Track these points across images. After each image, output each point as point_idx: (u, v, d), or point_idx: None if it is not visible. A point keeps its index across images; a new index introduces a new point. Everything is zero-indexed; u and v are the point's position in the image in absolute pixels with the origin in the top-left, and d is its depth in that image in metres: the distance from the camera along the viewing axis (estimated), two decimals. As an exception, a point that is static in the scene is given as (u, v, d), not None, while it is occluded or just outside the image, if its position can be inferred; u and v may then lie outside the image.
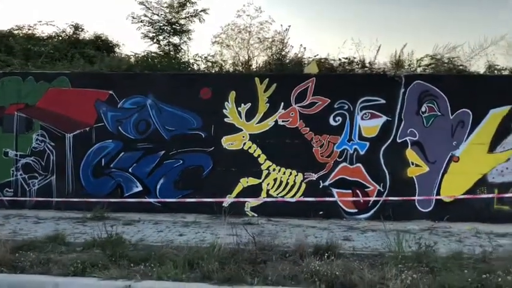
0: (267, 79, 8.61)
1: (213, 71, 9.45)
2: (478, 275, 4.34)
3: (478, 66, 9.34)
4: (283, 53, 9.53)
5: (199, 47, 12.31)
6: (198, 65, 10.39)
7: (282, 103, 8.57)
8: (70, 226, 7.31)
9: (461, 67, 9.46)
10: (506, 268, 4.45)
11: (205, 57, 10.23)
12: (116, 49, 12.24)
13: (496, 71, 9.24)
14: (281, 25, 9.58)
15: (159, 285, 4.27)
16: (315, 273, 4.29)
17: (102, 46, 12.15)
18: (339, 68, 8.96)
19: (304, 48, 9.58)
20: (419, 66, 9.60)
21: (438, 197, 8.20)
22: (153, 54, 10.14)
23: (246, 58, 9.78)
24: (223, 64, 10.02)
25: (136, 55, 10.46)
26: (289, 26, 9.57)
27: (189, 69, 10.07)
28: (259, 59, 9.67)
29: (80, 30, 12.39)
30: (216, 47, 9.80)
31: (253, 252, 4.83)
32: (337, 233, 6.99)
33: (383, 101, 8.46)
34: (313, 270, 4.32)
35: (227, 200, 8.43)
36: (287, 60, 9.39)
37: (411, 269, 4.44)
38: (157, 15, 9.83)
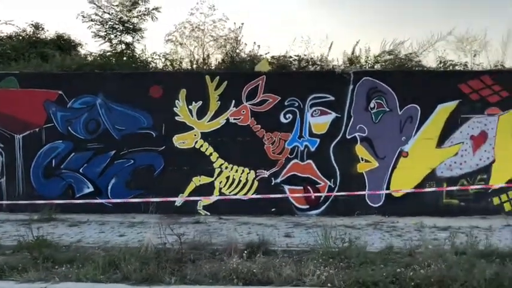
0: (218, 77, 8.58)
1: (165, 70, 9.36)
2: (397, 268, 4.39)
3: (428, 62, 9.46)
4: (237, 50, 9.49)
5: (154, 46, 12.11)
6: (156, 63, 10.33)
7: (233, 101, 8.56)
8: (13, 228, 7.18)
9: (414, 62, 9.59)
10: (427, 261, 4.51)
11: (164, 56, 10.16)
12: (79, 48, 12.08)
13: (451, 66, 9.37)
14: (234, 23, 9.55)
15: (75, 286, 4.22)
16: (233, 271, 4.29)
17: (64, 45, 11.97)
18: (291, 66, 8.97)
19: (259, 46, 9.58)
20: (378, 62, 9.70)
21: (385, 191, 8.27)
22: (108, 53, 10.01)
23: (202, 56, 9.72)
24: (180, 62, 9.95)
25: (92, 54, 10.33)
26: (242, 24, 9.57)
27: (152, 68, 9.98)
28: (214, 57, 9.63)
29: (40, 29, 12.20)
30: (171, 46, 9.71)
31: (179, 252, 4.81)
32: (282, 230, 7.01)
33: (332, 98, 8.51)
34: (232, 268, 4.31)
35: (178, 200, 8.40)
36: (241, 58, 9.36)
37: (331, 264, 4.47)
38: (109, 13, 9.71)
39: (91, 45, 11.88)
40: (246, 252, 4.98)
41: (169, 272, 4.40)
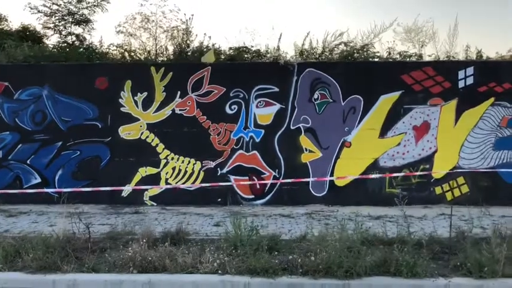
0: (163, 68, 8.62)
1: (111, 61, 9.34)
2: (290, 256, 4.48)
3: (383, 53, 9.49)
4: (187, 41, 9.51)
5: (109, 37, 12.00)
6: (113, 54, 10.32)
7: (179, 92, 8.60)
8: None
9: (371, 53, 9.61)
10: (320, 248, 4.56)
11: (120, 46, 10.15)
12: (45, 40, 11.99)
13: (406, 58, 9.41)
14: (184, 14, 9.55)
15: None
16: (130, 259, 4.38)
17: (29, 37, 11.89)
18: (237, 57, 9.00)
19: (209, 37, 9.60)
20: (332, 54, 9.73)
21: (321, 179, 8.38)
22: (62, 45, 10.00)
23: (154, 48, 9.73)
24: (134, 54, 9.95)
25: (47, 46, 10.30)
26: (193, 15, 9.58)
27: (112, 59, 9.95)
28: (166, 49, 9.62)
29: (4, 20, 12.11)
30: (122, 37, 9.70)
31: (87, 241, 4.89)
32: (215, 219, 7.11)
33: (277, 89, 8.57)
34: (128, 256, 4.40)
35: (125, 189, 8.47)
36: (193, 49, 9.38)
37: (231, 252, 4.56)
38: (57, 5, 9.67)
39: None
40: (162, 241, 5.06)
41: (70, 261, 4.48)
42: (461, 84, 8.49)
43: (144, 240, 4.58)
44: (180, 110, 8.61)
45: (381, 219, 7.22)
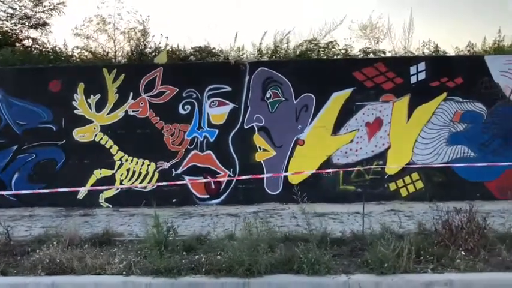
0: (115, 70, 8.64)
1: (63, 64, 9.34)
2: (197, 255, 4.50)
3: (335, 50, 9.48)
4: (144, 42, 9.53)
5: (63, 40, 11.86)
6: (76, 56, 10.35)
7: (132, 93, 8.62)
8: None
9: (337, 51, 9.56)
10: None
11: (81, 49, 10.18)
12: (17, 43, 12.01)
13: (368, 54, 9.37)
14: (140, 15, 9.57)
15: None
16: (40, 262, 4.40)
17: (2, 40, 11.94)
18: (193, 57, 9.01)
19: (166, 37, 9.61)
20: (297, 53, 9.67)
21: (269, 175, 8.39)
22: (20, 48, 10.02)
23: (113, 49, 9.76)
24: (94, 56, 9.97)
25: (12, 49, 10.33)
26: (149, 16, 9.60)
27: (77, 62, 9.97)
28: (123, 50, 9.65)
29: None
30: (80, 40, 9.73)
31: (8, 244, 4.93)
32: (160, 220, 7.09)
33: (229, 89, 8.58)
34: (37, 259, 4.43)
35: (81, 190, 8.50)
36: (148, 50, 9.41)
37: (142, 253, 4.59)
38: (13, 8, 9.72)
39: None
40: (89, 243, 5.09)
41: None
42: (413, 79, 8.48)
43: (55, 243, 4.59)
44: (133, 111, 8.63)
45: (325, 216, 7.21)
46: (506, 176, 8.45)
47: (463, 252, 4.31)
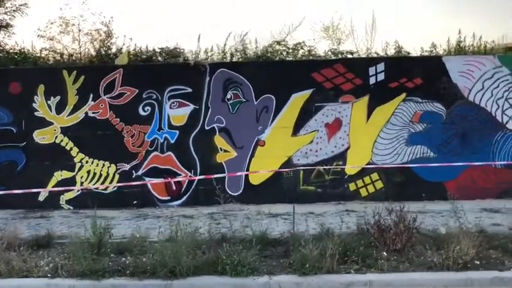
0: (75, 71, 8.62)
1: (23, 66, 9.29)
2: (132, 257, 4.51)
3: (304, 52, 9.46)
4: (108, 44, 9.51)
5: (31, 41, 11.77)
6: (45, 59, 10.29)
7: (92, 95, 8.61)
8: None
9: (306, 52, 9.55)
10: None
11: (53, 50, 10.14)
12: None
13: (333, 56, 9.38)
14: (104, 16, 9.56)
15: None
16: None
17: None
18: (159, 58, 9.00)
19: (130, 38, 9.59)
20: (266, 54, 9.63)
21: (229, 174, 8.40)
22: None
23: (77, 51, 9.74)
24: (61, 57, 9.93)
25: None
26: (112, 18, 9.59)
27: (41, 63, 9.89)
28: (88, 52, 9.62)
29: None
30: (43, 41, 9.70)
31: None
32: (115, 222, 7.08)
33: (190, 90, 8.59)
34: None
35: (42, 192, 8.47)
36: (112, 52, 9.39)
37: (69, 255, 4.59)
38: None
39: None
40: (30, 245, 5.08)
41: None
42: (372, 80, 8.53)
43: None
44: (93, 112, 8.62)
45: (278, 216, 7.24)
46: (464, 176, 8.52)
47: (384, 253, 4.35)
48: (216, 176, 7.91)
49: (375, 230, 4.57)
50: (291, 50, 9.65)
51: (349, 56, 8.89)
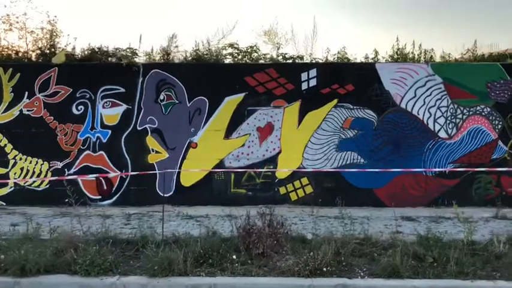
0: (11, 69, 8.69)
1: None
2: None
3: (255, 56, 9.43)
4: (52, 43, 9.55)
5: None
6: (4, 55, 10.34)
7: (27, 92, 8.67)
8: None
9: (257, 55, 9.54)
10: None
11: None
12: None
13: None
14: (48, 15, 9.62)
15: None
16: None
17: None
18: (99, 56, 9.03)
19: (75, 38, 9.63)
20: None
21: (154, 172, 8.42)
22: None
23: (24, 49, 9.78)
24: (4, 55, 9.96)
25: None
26: (56, 17, 9.65)
27: None
28: (34, 50, 9.66)
29: None
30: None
31: None
32: (35, 219, 7.10)
33: (123, 90, 8.64)
34: None
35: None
36: (57, 50, 9.42)
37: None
38: None
39: None
40: None
41: None
42: (304, 86, 8.56)
43: None
44: (27, 110, 8.68)
45: (193, 218, 7.27)
46: (395, 183, 8.53)
47: (234, 256, 4.36)
48: (143, 173, 7.95)
49: (240, 234, 4.59)
50: (243, 54, 9.64)
51: (283, 60, 8.89)
